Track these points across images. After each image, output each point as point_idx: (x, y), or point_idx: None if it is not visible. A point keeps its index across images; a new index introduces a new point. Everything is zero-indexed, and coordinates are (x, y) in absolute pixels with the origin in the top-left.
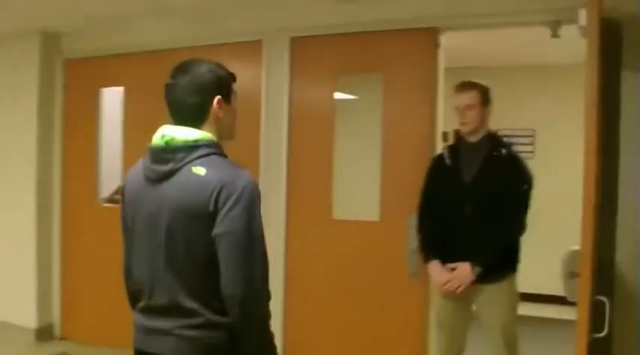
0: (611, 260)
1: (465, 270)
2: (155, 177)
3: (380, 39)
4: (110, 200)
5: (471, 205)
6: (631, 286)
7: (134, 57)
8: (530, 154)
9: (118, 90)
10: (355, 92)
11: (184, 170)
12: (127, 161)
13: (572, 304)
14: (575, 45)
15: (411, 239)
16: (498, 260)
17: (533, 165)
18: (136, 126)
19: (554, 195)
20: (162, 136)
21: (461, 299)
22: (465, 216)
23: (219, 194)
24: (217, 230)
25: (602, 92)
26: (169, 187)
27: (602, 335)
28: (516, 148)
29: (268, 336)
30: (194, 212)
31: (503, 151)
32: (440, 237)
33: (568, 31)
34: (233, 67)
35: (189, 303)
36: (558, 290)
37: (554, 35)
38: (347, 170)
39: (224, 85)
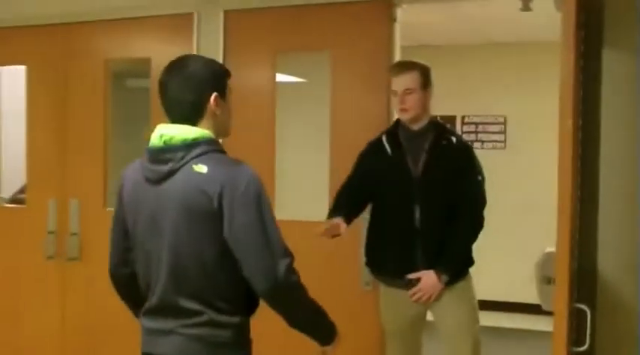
0: (593, 263)
1: (431, 279)
2: (155, 178)
3: (327, 12)
4: (13, 200)
5: (422, 204)
6: (616, 293)
7: (38, 30)
8: (499, 145)
9: (20, 72)
10: (302, 74)
11: (185, 169)
12: (34, 155)
13: (547, 313)
14: (551, 20)
15: (364, 243)
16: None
17: (504, 158)
18: (43, 115)
19: (528, 191)
20: (161, 136)
21: (413, 306)
22: (416, 216)
23: (223, 191)
24: (228, 228)
25: (579, 73)
26: (171, 187)
27: (582, 349)
28: (485, 138)
29: (313, 310)
30: (198, 210)
31: (453, 140)
32: (357, 210)
33: (541, 4)
34: (159, 43)
35: (192, 305)
36: (531, 297)
37: (525, 8)
38: (292, 163)
39: (220, 81)
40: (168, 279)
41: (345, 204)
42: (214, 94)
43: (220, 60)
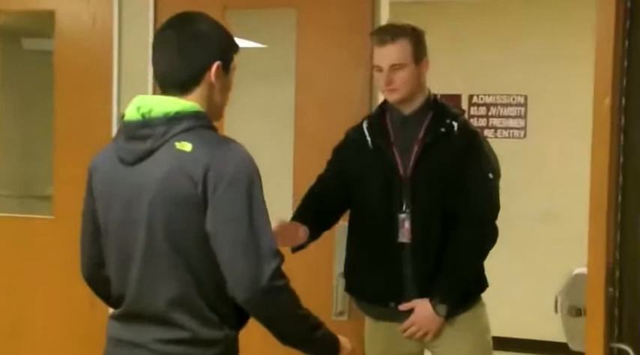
0: (637, 289)
1: (426, 310)
2: (131, 158)
3: None
4: None
5: (413, 211)
6: None
7: None
8: (518, 133)
9: None
10: (260, 38)
11: (166, 147)
12: None
13: None
14: None
15: (339, 259)
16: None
17: (524, 150)
18: None
19: (554, 194)
20: (138, 108)
21: (406, 343)
22: (404, 227)
23: (207, 174)
24: (211, 220)
25: (622, 37)
26: (149, 168)
27: None
28: (498, 124)
29: (307, 322)
30: (181, 197)
31: (455, 125)
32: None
33: None
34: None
35: (174, 313)
36: (555, 333)
37: None
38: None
39: (228, 50)
40: (146, 280)
41: (312, 209)
42: (217, 63)
43: (150, 20)
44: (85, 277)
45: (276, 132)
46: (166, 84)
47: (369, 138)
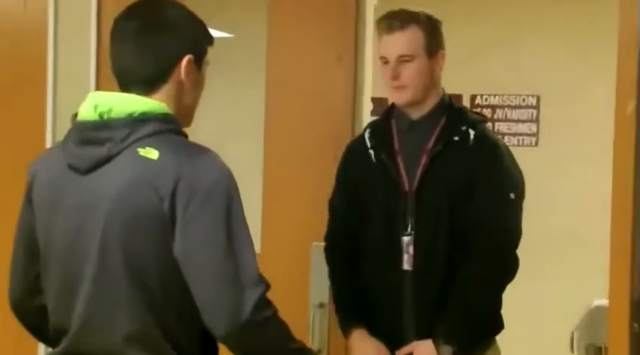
0: None
1: (427, 353)
2: (85, 166)
3: None
4: None
5: (418, 234)
6: None
7: None
8: (529, 140)
9: None
10: (225, 26)
11: (128, 153)
12: None
13: None
14: None
15: (316, 287)
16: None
17: (536, 160)
18: None
19: (570, 211)
20: (95, 107)
21: None
22: (407, 252)
23: (177, 187)
24: (181, 242)
25: None
26: (106, 178)
27: None
28: (506, 129)
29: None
30: (142, 213)
31: (471, 133)
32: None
33: None
34: None
35: (131, 351)
36: None
37: None
38: None
39: (200, 42)
40: (96, 311)
41: (354, 291)
42: (188, 56)
43: (94, 9)
44: (12, 305)
45: (242, 133)
46: (128, 81)
47: (370, 148)
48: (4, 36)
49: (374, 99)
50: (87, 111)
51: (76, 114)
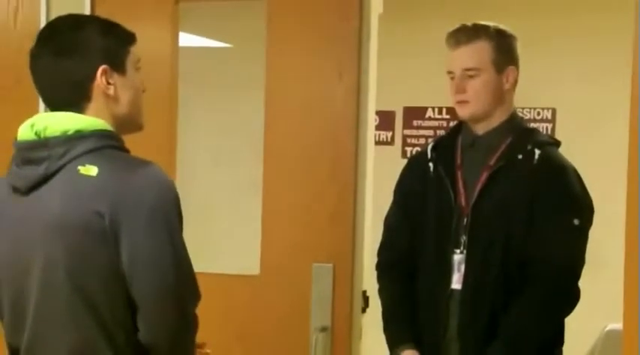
0: None
1: None
2: (25, 185)
3: None
4: None
5: (470, 253)
6: None
7: None
8: None
9: None
10: (223, 36)
11: (66, 170)
12: None
13: None
14: None
15: (317, 310)
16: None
17: None
18: None
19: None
20: (32, 126)
21: None
22: (456, 271)
23: (119, 203)
24: (127, 259)
25: None
26: (45, 197)
27: None
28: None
29: None
30: (82, 230)
31: (536, 153)
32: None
33: None
34: None
35: None
36: None
37: None
38: (201, 181)
39: (112, 48)
40: (42, 328)
41: (404, 308)
42: (103, 67)
43: (86, 9)
44: None
45: (241, 150)
46: (54, 105)
47: (430, 162)
48: None
49: (379, 113)
50: (24, 131)
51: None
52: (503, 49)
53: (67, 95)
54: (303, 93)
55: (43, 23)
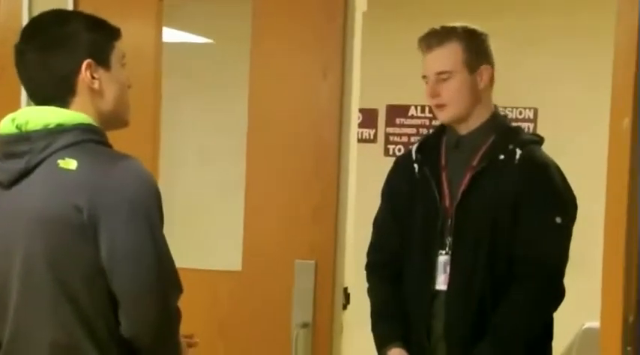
0: None
1: None
2: (7, 179)
3: None
4: None
5: (455, 253)
6: None
7: None
8: None
9: None
10: (206, 31)
11: (47, 164)
12: None
13: None
14: None
15: (299, 306)
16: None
17: None
18: None
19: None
20: (13, 120)
21: None
22: (442, 271)
23: (98, 197)
24: (106, 254)
25: None
26: (26, 190)
27: None
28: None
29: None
30: (62, 224)
31: (517, 152)
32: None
33: None
34: None
35: None
36: None
37: None
38: (184, 179)
39: (97, 42)
40: (23, 320)
41: (390, 305)
42: (87, 61)
43: (69, 5)
44: None
45: (225, 146)
46: (39, 100)
47: (415, 163)
48: None
49: (362, 111)
50: (5, 125)
51: None
52: (475, 49)
53: (53, 90)
54: (287, 91)
55: (25, 16)
